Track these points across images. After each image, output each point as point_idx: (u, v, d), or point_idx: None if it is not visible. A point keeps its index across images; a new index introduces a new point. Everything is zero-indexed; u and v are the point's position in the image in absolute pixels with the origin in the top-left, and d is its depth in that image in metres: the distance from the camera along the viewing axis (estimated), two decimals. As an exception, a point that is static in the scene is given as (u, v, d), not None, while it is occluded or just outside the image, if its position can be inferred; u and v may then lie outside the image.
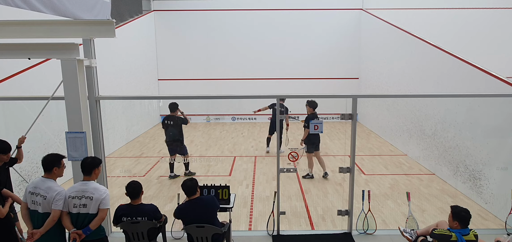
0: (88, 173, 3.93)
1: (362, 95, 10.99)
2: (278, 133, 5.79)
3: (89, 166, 3.93)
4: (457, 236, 3.69)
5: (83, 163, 3.97)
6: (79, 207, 3.80)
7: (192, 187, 4.26)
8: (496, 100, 6.45)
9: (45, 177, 3.89)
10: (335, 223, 6.12)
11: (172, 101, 8.18)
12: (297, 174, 8.41)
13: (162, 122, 8.20)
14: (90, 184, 3.87)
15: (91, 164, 3.95)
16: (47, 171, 3.89)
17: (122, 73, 12.07)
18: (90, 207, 3.80)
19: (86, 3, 4.61)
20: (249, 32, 15.73)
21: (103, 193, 3.85)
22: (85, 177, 3.93)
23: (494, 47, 14.16)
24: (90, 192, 3.81)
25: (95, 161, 4.01)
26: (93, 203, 3.79)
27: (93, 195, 3.80)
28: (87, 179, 3.92)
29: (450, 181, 7.89)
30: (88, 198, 3.79)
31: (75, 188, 3.87)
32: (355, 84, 15.69)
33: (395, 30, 11.56)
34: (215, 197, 4.48)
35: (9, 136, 5.00)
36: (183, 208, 4.30)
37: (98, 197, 3.80)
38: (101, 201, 3.81)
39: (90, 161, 3.98)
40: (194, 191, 4.28)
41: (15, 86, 6.91)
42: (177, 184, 8.07)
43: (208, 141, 12.47)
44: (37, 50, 4.69)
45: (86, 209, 3.80)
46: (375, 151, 10.97)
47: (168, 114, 8.10)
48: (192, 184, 4.27)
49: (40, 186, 3.82)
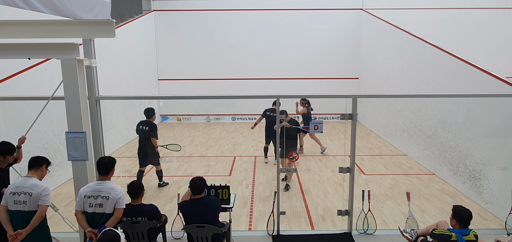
0: (105, 172, 3.96)
1: (362, 95, 10.99)
2: (278, 133, 5.78)
3: (107, 166, 3.97)
4: (457, 236, 3.69)
5: (100, 162, 4.00)
6: (95, 206, 3.83)
7: (200, 186, 4.26)
8: (496, 100, 6.45)
9: (29, 176, 3.90)
10: (335, 223, 6.12)
11: (149, 107, 7.56)
12: (297, 174, 8.41)
13: (137, 127, 7.43)
14: (106, 184, 3.89)
15: (109, 163, 3.99)
16: (35, 167, 3.93)
17: (122, 73, 12.07)
18: (106, 207, 3.83)
19: (86, 3, 4.61)
20: (249, 32, 15.73)
21: (119, 192, 3.88)
22: (101, 176, 3.96)
23: (494, 47, 14.17)
24: (106, 191, 3.84)
25: (112, 161, 4.05)
26: (109, 202, 3.82)
27: (109, 194, 3.83)
28: (103, 178, 3.95)
29: (450, 181, 7.89)
30: (104, 197, 3.82)
31: (90, 188, 3.89)
32: (355, 84, 15.69)
33: (395, 30, 11.56)
34: (217, 199, 4.49)
35: (9, 136, 4.99)
36: (186, 205, 4.31)
37: (114, 197, 3.83)
38: (117, 200, 3.85)
39: (107, 161, 4.02)
40: (201, 191, 4.28)
41: (15, 86, 6.91)
42: (177, 184, 8.07)
43: (208, 141, 12.47)
44: (37, 50, 4.69)
45: (102, 209, 3.83)
46: (375, 151, 10.97)
47: (144, 120, 7.43)
48: (201, 183, 4.27)
49: (23, 184, 3.82)
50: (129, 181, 4.32)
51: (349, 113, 5.38)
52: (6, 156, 4.49)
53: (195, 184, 4.26)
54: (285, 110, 6.54)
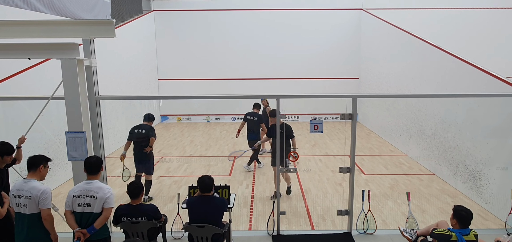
0: (94, 172, 3.93)
1: (362, 95, 10.99)
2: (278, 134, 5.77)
3: (95, 165, 3.94)
4: (457, 236, 3.69)
5: (87, 162, 3.97)
6: (83, 206, 3.80)
7: (209, 184, 4.30)
8: (496, 100, 6.45)
9: (28, 178, 3.87)
10: (335, 223, 6.12)
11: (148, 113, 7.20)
12: (297, 174, 8.41)
13: (132, 132, 6.98)
14: (94, 183, 3.87)
15: (97, 162, 3.97)
16: (33, 169, 3.88)
17: (122, 73, 12.07)
18: (94, 206, 3.80)
19: (86, 3, 4.61)
20: (249, 32, 15.73)
21: (108, 192, 3.85)
22: (90, 176, 3.93)
23: (494, 47, 14.18)
24: (94, 191, 3.81)
25: (99, 160, 4.02)
26: (98, 202, 3.79)
27: (98, 194, 3.80)
28: (92, 178, 3.92)
29: (450, 181, 7.88)
30: (93, 197, 3.79)
31: (79, 187, 3.87)
32: (355, 84, 15.70)
33: (395, 30, 11.56)
34: (225, 201, 4.50)
35: (9, 136, 5.00)
36: (193, 201, 4.33)
37: (103, 196, 3.80)
38: (105, 200, 3.81)
39: (95, 160, 3.99)
40: (209, 189, 4.32)
41: (15, 86, 6.91)
42: (177, 184, 8.07)
43: (208, 141, 12.47)
44: (37, 50, 4.69)
45: (90, 208, 3.80)
46: (375, 151, 10.97)
47: (141, 123, 7.05)
48: (210, 182, 4.31)
49: (23, 187, 3.79)
50: (131, 181, 4.32)
51: (349, 113, 5.38)
52: (4, 156, 4.48)
53: (204, 182, 4.29)
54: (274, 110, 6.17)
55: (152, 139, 6.94)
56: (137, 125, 7.01)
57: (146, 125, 7.04)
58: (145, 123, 7.07)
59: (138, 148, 6.95)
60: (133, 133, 6.95)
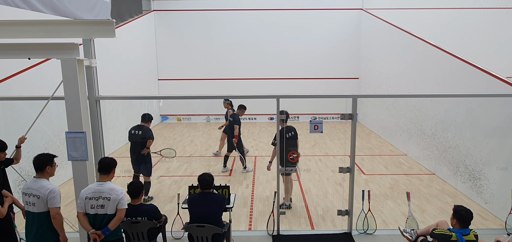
0: (107, 172, 3.94)
1: (362, 95, 10.99)
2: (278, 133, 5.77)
3: (109, 166, 3.96)
4: (457, 236, 3.69)
5: (102, 162, 3.99)
6: (96, 208, 3.82)
7: (209, 181, 4.35)
8: (496, 100, 6.45)
9: (37, 177, 3.91)
10: (335, 223, 6.11)
11: (147, 113, 7.12)
12: (297, 174, 8.40)
13: (129, 133, 6.89)
14: (106, 185, 3.87)
15: (110, 163, 3.98)
16: (40, 170, 3.92)
17: (122, 73, 12.07)
18: (108, 208, 3.81)
19: (86, 3, 4.60)
20: (249, 32, 15.73)
21: (120, 193, 3.87)
22: (102, 176, 3.94)
23: (494, 47, 14.17)
24: (107, 192, 3.82)
25: (114, 161, 4.04)
26: (111, 203, 3.81)
27: (111, 195, 3.81)
28: (104, 179, 3.92)
29: (450, 181, 7.88)
30: (106, 199, 3.80)
31: (91, 189, 3.87)
32: (355, 84, 15.70)
33: (395, 30, 11.56)
34: (225, 197, 4.52)
35: (9, 136, 5.00)
36: (193, 198, 4.36)
37: (116, 198, 3.82)
38: (119, 201, 3.83)
39: (109, 160, 4.00)
40: (209, 186, 4.37)
41: (15, 86, 6.91)
42: (177, 184, 8.07)
43: (208, 140, 12.47)
44: (37, 50, 4.68)
45: (103, 210, 3.82)
46: (375, 151, 10.97)
47: (139, 124, 6.96)
48: (210, 179, 4.37)
49: (32, 186, 3.84)
50: (131, 181, 4.33)
51: (349, 113, 5.38)
52: None
53: (205, 179, 4.35)
54: (285, 111, 6.19)
55: (149, 141, 6.85)
56: (134, 126, 6.95)
57: (143, 125, 6.95)
58: (142, 123, 6.99)
59: (135, 149, 6.90)
60: (130, 134, 6.89)
